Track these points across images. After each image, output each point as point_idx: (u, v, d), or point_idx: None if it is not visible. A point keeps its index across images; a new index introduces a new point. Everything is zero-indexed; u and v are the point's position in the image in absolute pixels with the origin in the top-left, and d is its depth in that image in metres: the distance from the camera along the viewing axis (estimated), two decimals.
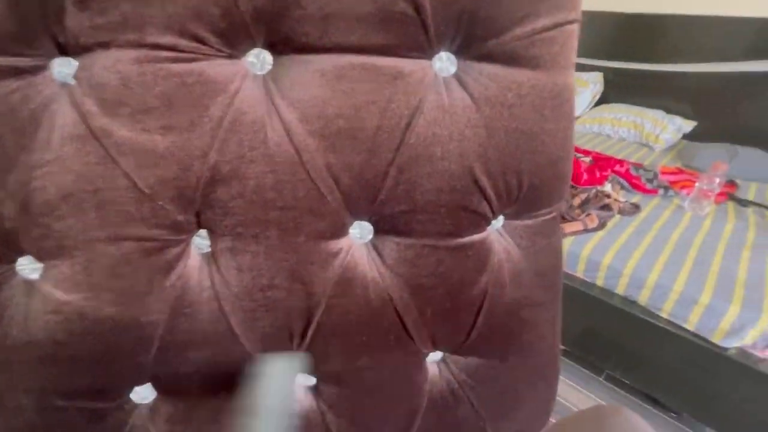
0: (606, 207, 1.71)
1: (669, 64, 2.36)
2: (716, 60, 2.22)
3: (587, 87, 2.51)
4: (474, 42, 0.37)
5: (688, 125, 2.27)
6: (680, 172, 2.03)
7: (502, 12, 0.36)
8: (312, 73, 0.36)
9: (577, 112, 2.66)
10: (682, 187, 1.87)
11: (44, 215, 0.34)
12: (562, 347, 1.75)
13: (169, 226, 0.37)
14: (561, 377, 1.72)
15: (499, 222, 0.44)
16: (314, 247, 0.39)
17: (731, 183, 1.97)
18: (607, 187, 1.86)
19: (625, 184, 1.90)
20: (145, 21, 0.32)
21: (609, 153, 2.20)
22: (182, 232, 0.38)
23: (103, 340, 0.37)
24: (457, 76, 0.38)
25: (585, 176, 1.88)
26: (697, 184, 1.71)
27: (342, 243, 0.40)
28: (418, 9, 0.35)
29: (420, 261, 0.41)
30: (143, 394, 0.42)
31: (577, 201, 1.75)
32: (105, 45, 0.32)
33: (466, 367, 0.48)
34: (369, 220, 0.41)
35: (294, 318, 0.40)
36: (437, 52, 0.38)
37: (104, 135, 0.33)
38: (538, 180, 0.41)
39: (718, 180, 1.67)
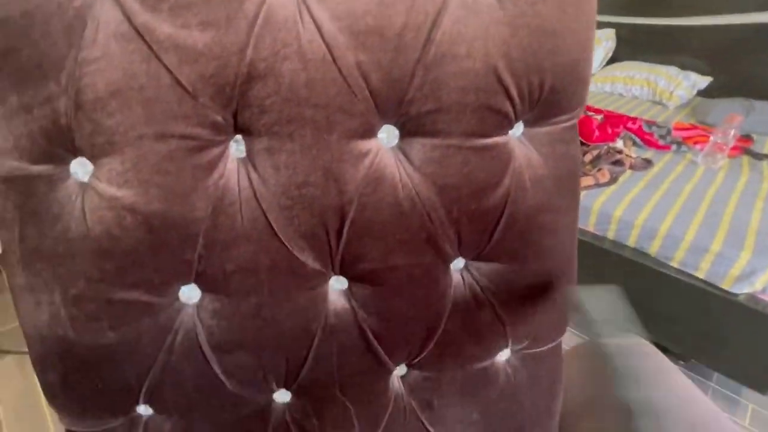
0: (617, 162, 1.71)
1: (683, 17, 2.29)
2: (731, 13, 2.16)
3: (600, 44, 2.46)
4: None
5: (703, 81, 2.23)
6: (694, 128, 2.00)
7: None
8: None
9: None
10: (696, 143, 1.85)
11: (95, 111, 0.36)
12: None
13: (209, 126, 0.39)
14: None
15: (519, 128, 0.46)
16: (346, 146, 0.41)
17: (746, 138, 1.94)
18: (619, 144, 1.85)
19: (638, 140, 1.89)
20: None
21: (622, 111, 2.18)
22: (221, 132, 0.40)
23: (153, 235, 0.40)
24: None
25: (596, 133, 1.87)
26: (711, 138, 1.70)
27: (371, 144, 0.42)
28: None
29: (446, 161, 0.43)
30: (190, 294, 0.45)
31: (588, 157, 1.75)
32: None
33: (488, 272, 0.50)
34: (395, 124, 0.43)
35: (329, 215, 0.42)
36: None
37: (146, 31, 0.35)
38: (559, 81, 0.42)
39: (732, 132, 1.65)
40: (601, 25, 2.56)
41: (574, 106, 0.45)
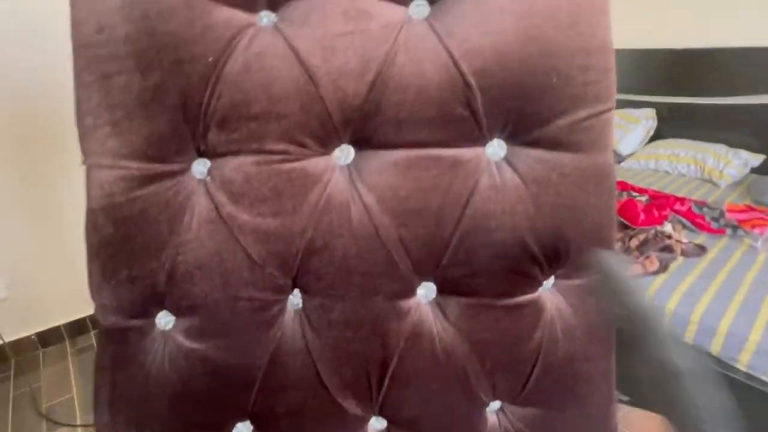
0: (667, 248, 1.65)
1: (725, 97, 2.28)
2: None
3: (639, 123, 2.47)
4: (521, 132, 0.44)
5: (756, 159, 2.16)
6: (750, 209, 1.91)
7: (545, 107, 0.43)
8: (387, 164, 0.44)
9: (629, 149, 2.59)
10: (753, 226, 1.76)
11: (184, 282, 0.44)
12: (628, 398, 1.66)
13: (273, 289, 0.46)
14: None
15: (550, 282, 0.49)
16: (389, 306, 0.46)
17: None
18: (668, 228, 1.79)
19: (688, 223, 1.82)
20: (265, 134, 0.42)
21: (668, 191, 2.12)
22: (282, 293, 0.47)
23: (218, 381, 0.46)
24: (507, 160, 0.45)
25: (642, 216, 1.83)
26: None
27: (411, 302, 0.47)
28: (472, 111, 0.43)
29: (479, 318, 0.47)
30: (243, 430, 0.50)
31: (634, 243, 1.70)
32: (235, 152, 0.43)
33: (524, 417, 0.51)
34: (434, 281, 0.48)
35: (372, 367, 0.47)
36: (489, 140, 0.45)
37: (230, 219, 0.43)
38: (584, 246, 0.46)
39: None
40: (640, 105, 2.59)
41: None
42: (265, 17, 0.42)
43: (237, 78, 0.40)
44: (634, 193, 2.08)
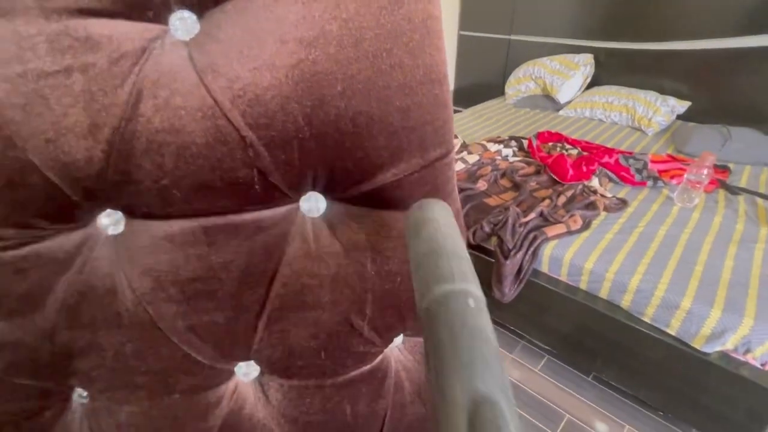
0: (591, 205, 1.67)
1: (662, 42, 2.24)
2: (710, 38, 2.10)
3: (578, 69, 2.40)
4: (336, 189, 0.35)
5: (682, 106, 2.18)
6: (671, 159, 1.96)
7: (359, 163, 0.33)
8: (161, 239, 0.34)
9: (568, 97, 2.57)
10: (672, 177, 1.81)
11: None
12: (549, 348, 1.75)
13: (36, 397, 0.36)
14: (550, 379, 1.71)
15: (395, 343, 0.43)
16: (191, 401, 0.38)
17: (723, 168, 1.90)
18: (594, 182, 1.81)
19: (614, 177, 1.84)
20: None
21: (599, 141, 2.14)
22: (51, 397, 0.37)
23: None
24: (326, 219, 0.36)
25: (571, 172, 1.83)
26: (685, 176, 1.65)
27: (222, 389, 0.39)
28: (261, 174, 0.32)
29: (305, 400, 0.40)
30: None
31: (561, 200, 1.71)
32: None
33: None
34: (255, 361, 0.40)
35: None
36: (301, 195, 0.36)
37: None
38: (415, 324, 0.39)
39: (706, 172, 1.61)
40: (580, 50, 2.50)
41: None
42: None
43: None
44: (568, 146, 2.07)
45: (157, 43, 0.30)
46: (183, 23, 0.31)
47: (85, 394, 0.38)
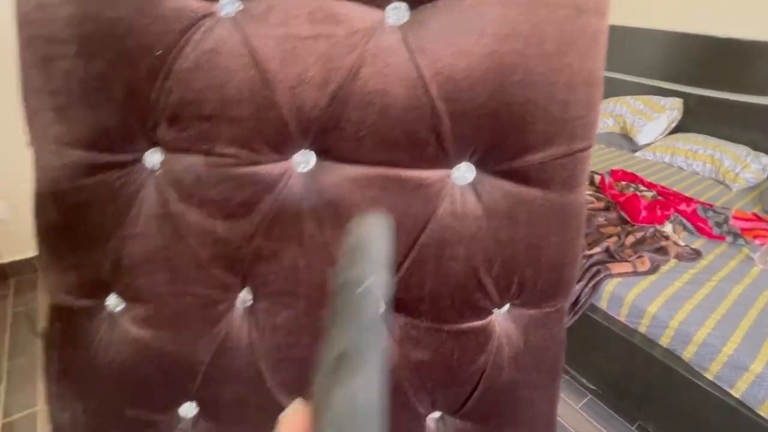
0: (661, 250, 1.63)
1: (761, 96, 2.15)
2: None
3: (663, 113, 2.35)
4: (489, 161, 0.42)
5: None
6: (757, 219, 1.86)
7: (517, 141, 0.40)
8: (346, 179, 0.42)
9: (648, 139, 2.50)
10: (756, 237, 1.72)
11: (129, 274, 0.44)
12: (594, 388, 1.68)
13: (220, 287, 0.46)
14: (590, 420, 1.66)
15: (503, 309, 0.48)
16: None
17: None
18: (667, 228, 1.76)
19: (689, 226, 1.78)
20: (217, 136, 0.40)
21: (677, 188, 2.07)
22: (229, 291, 0.46)
23: (162, 369, 0.47)
24: (473, 186, 0.43)
25: (643, 213, 1.80)
26: None
27: None
28: (439, 137, 0.40)
29: (422, 340, 0.46)
30: (187, 409, 0.52)
31: (630, 240, 1.68)
32: (185, 150, 0.41)
33: (463, 429, 0.53)
34: None
35: (313, 372, 0.47)
36: (457, 164, 0.43)
37: (178, 217, 0.42)
38: (541, 283, 0.45)
39: None
40: (668, 93, 2.45)
41: (558, 300, 0.47)
42: (230, 4, 0.38)
43: (188, 75, 0.38)
44: (642, 188, 2.03)
45: (378, 24, 0.39)
46: (396, 12, 0.39)
47: (249, 297, 0.47)
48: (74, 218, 0.42)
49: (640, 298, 1.45)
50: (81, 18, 0.35)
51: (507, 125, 0.39)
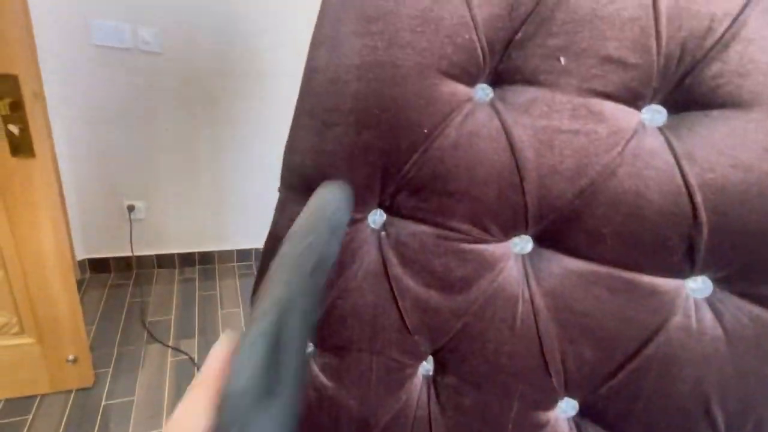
0: None
1: None
2: None
3: None
4: (740, 281, 0.38)
5: None
6: None
7: None
8: (570, 272, 0.41)
9: None
10: None
11: (336, 324, 0.45)
12: None
13: (412, 353, 0.45)
14: None
15: None
16: (525, 414, 0.43)
17: None
18: None
19: None
20: (454, 212, 0.41)
21: None
22: (418, 358, 0.46)
23: (337, 423, 0.47)
24: (710, 303, 0.39)
25: None
26: None
27: (549, 415, 0.44)
28: (691, 248, 0.37)
29: None
30: None
31: None
32: (418, 220, 0.43)
33: None
34: (578, 401, 0.44)
35: None
36: (696, 276, 0.40)
37: (395, 279, 0.44)
38: None
39: None
40: None
41: None
42: (481, 90, 0.41)
43: (444, 153, 0.40)
44: None
45: (641, 126, 0.38)
46: (655, 115, 0.39)
47: (430, 368, 0.47)
48: None
49: None
50: (365, 94, 0.39)
51: None
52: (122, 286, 2.07)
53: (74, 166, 1.86)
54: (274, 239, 0.46)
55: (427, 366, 0.48)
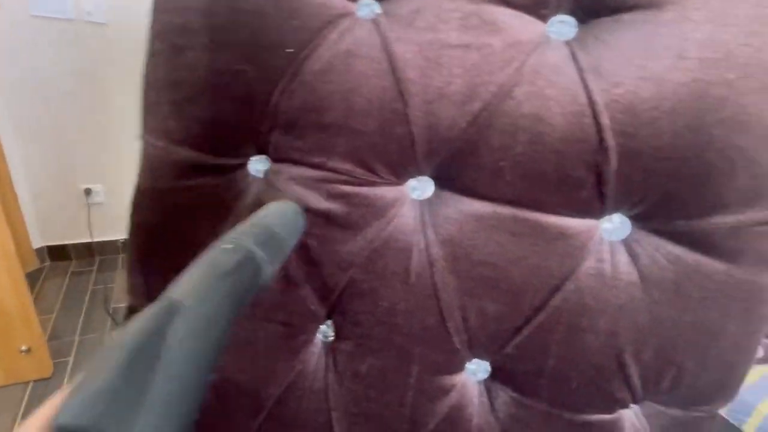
0: None
1: None
2: None
3: None
4: (658, 218, 0.33)
5: None
6: None
7: (705, 196, 0.31)
8: (470, 215, 0.35)
9: None
10: None
11: None
12: None
13: (304, 314, 0.40)
14: None
15: (636, 408, 0.38)
16: (427, 379, 0.38)
17: None
18: None
19: None
20: (332, 148, 0.35)
21: None
22: (312, 322, 0.41)
23: (224, 400, 0.42)
24: (627, 245, 0.34)
25: None
26: None
27: (455, 379, 0.39)
28: (599, 178, 0.32)
29: (534, 425, 0.37)
30: None
31: None
32: (295, 161, 0.37)
33: None
34: (489, 361, 0.39)
35: None
36: (609, 214, 0.34)
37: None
38: (701, 381, 0.35)
39: None
40: None
41: (716, 404, 0.36)
42: (366, 6, 0.34)
43: (316, 78, 0.33)
44: None
45: (543, 38, 0.32)
46: (563, 27, 0.33)
47: (330, 333, 0.41)
48: (169, 220, 0.39)
49: (752, 389, 1.22)
50: (217, 8, 0.33)
51: (695, 174, 0.30)
52: (84, 273, 1.98)
53: (23, 147, 1.76)
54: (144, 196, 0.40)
55: (327, 331, 0.42)
